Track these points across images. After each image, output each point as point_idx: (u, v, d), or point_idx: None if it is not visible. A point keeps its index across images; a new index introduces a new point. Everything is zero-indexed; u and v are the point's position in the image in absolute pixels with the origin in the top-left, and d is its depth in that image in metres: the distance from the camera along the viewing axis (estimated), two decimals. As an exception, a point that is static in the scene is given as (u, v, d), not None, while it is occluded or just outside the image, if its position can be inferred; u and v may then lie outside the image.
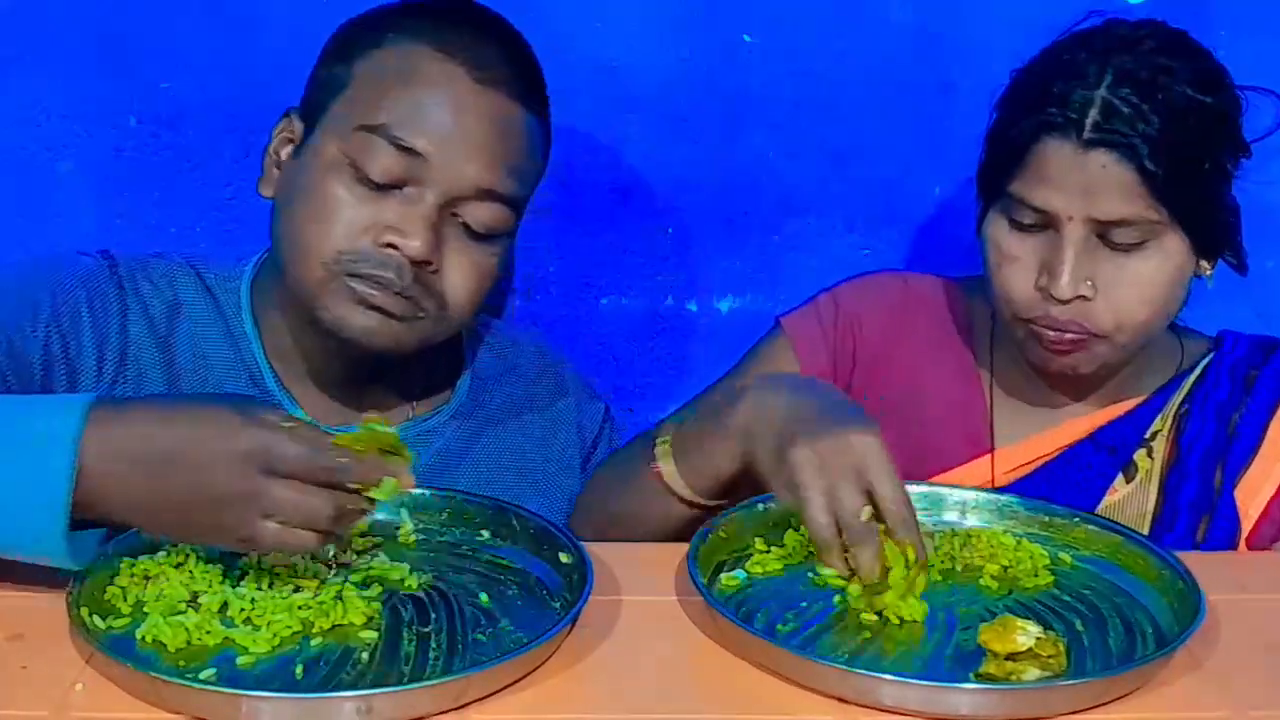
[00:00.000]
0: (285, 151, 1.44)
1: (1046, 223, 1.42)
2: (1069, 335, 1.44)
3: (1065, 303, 1.42)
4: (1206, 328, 1.61)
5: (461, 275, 1.39)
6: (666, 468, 1.38)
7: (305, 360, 1.48)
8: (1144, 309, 1.44)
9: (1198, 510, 1.50)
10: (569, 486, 1.60)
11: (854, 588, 1.21)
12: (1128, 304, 1.43)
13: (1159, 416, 1.54)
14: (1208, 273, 1.48)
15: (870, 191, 1.95)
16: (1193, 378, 1.56)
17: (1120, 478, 1.53)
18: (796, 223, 1.95)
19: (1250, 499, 1.50)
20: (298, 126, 1.44)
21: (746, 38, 1.88)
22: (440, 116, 1.36)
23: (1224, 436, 1.52)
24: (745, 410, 1.32)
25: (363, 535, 1.29)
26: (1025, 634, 1.12)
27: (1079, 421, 1.56)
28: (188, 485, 1.09)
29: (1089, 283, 1.42)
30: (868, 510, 1.21)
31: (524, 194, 1.43)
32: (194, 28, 1.82)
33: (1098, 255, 1.42)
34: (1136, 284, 1.42)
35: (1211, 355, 1.57)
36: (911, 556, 1.20)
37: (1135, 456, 1.53)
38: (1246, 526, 1.50)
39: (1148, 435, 1.54)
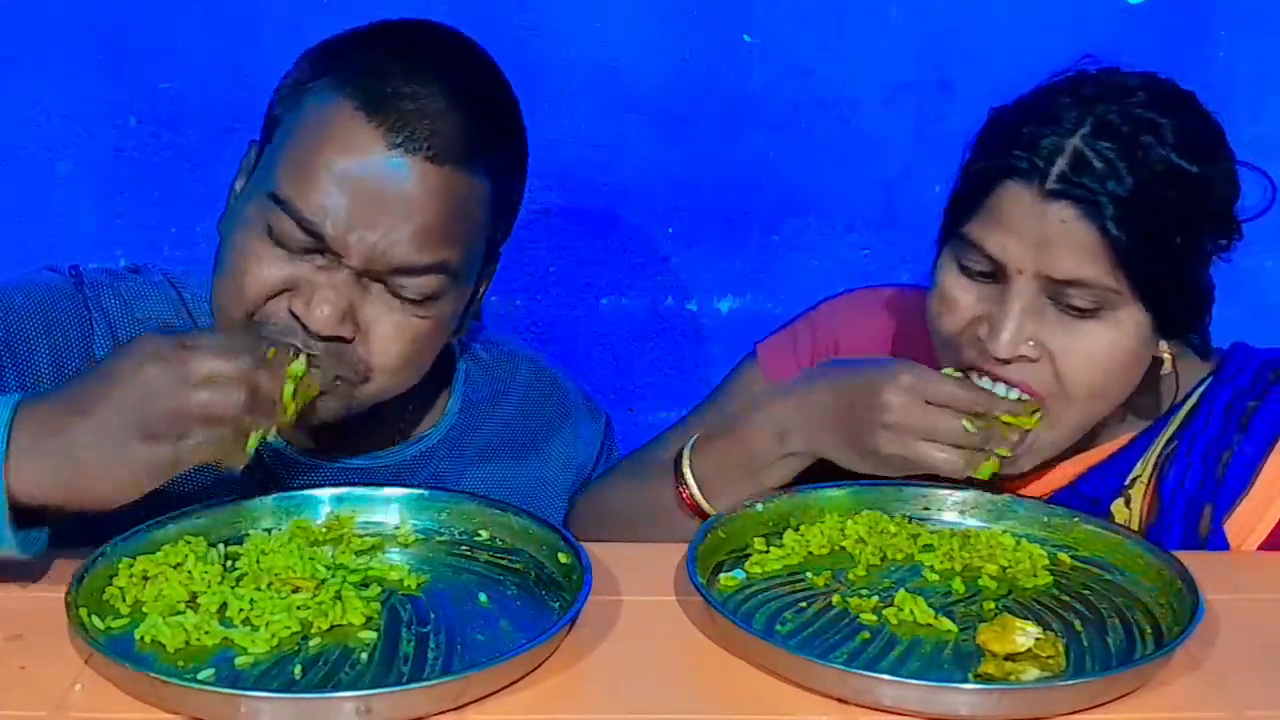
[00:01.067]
0: (239, 185, 1.37)
1: (996, 273, 1.32)
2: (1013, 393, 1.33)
3: (1005, 362, 1.31)
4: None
5: (386, 343, 1.29)
6: (711, 508, 1.38)
7: None
8: (1093, 382, 1.32)
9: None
10: (562, 510, 1.56)
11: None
12: (1073, 373, 1.31)
13: (1140, 460, 1.43)
14: (1167, 356, 1.37)
15: (870, 191, 1.95)
16: (1182, 413, 1.43)
17: None
18: (796, 223, 1.96)
19: (1242, 538, 1.39)
20: (252, 161, 1.35)
21: (746, 38, 1.88)
22: (349, 192, 1.24)
23: (1213, 479, 1.39)
24: (798, 440, 1.36)
25: (361, 536, 1.29)
26: (1024, 634, 1.13)
27: (1060, 469, 1.44)
28: (118, 421, 1.09)
29: (1031, 343, 1.31)
30: (968, 422, 1.29)
31: (462, 256, 1.30)
32: (194, 28, 1.82)
33: (1045, 315, 1.31)
34: (1086, 353, 1.31)
35: (1209, 383, 1.43)
36: (1015, 420, 1.30)
37: (1112, 507, 1.43)
38: None
39: (1127, 483, 1.43)
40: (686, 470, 1.41)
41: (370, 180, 1.24)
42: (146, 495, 1.14)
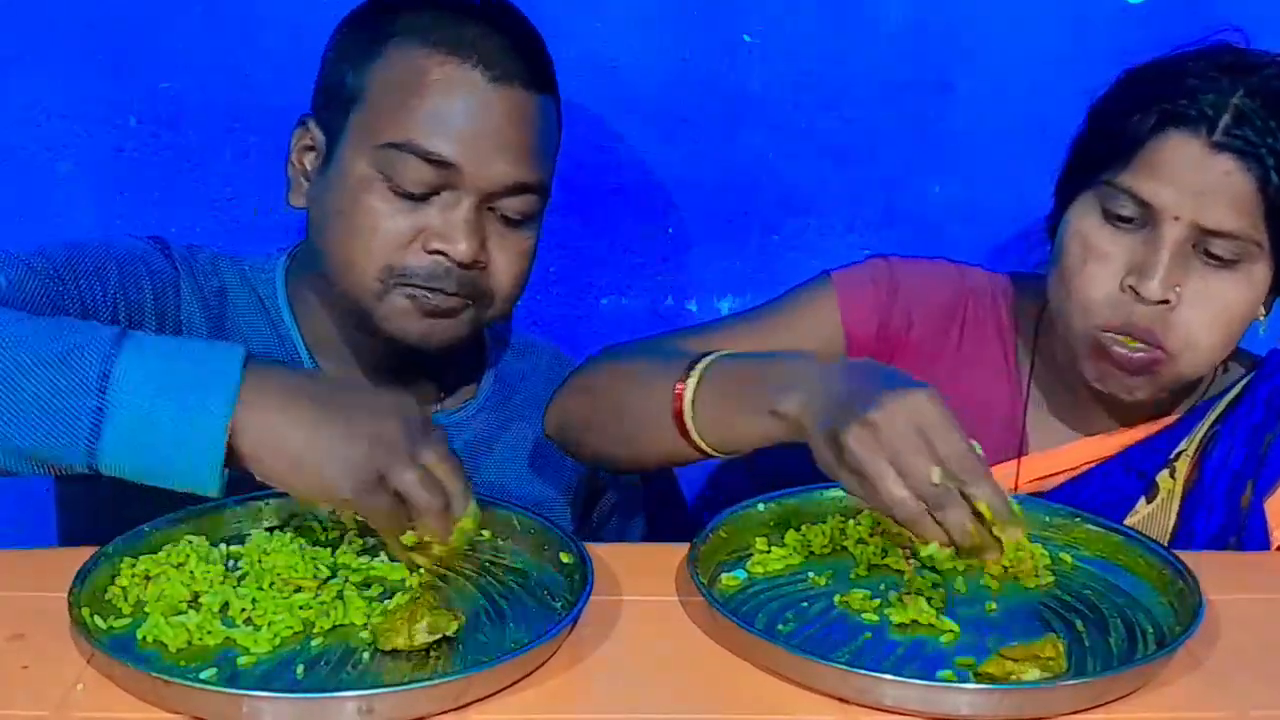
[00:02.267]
0: (308, 160, 1.46)
1: (1145, 220, 1.38)
2: (1138, 356, 1.40)
3: (1149, 305, 1.38)
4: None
5: (506, 265, 1.43)
6: (690, 421, 1.30)
7: (345, 352, 1.51)
8: (1215, 332, 1.40)
9: (1223, 536, 1.46)
10: (583, 477, 1.65)
11: (942, 554, 1.13)
12: (1203, 323, 1.39)
13: (1186, 438, 1.51)
14: (1263, 316, 1.44)
15: (870, 191, 1.95)
16: (1227, 399, 1.51)
17: (1141, 499, 1.50)
18: (796, 223, 1.95)
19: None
20: (317, 135, 1.45)
21: (746, 38, 1.88)
22: (463, 122, 1.37)
23: (1255, 458, 1.47)
24: (793, 401, 1.22)
25: (362, 535, 1.29)
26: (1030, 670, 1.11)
27: (1110, 438, 1.52)
28: (349, 414, 1.15)
29: (1176, 289, 1.38)
30: (937, 471, 1.11)
31: (549, 176, 1.46)
32: (194, 28, 1.82)
33: (1190, 265, 1.38)
34: (1218, 303, 1.39)
35: (1250, 378, 1.53)
36: (987, 513, 1.11)
37: (1158, 477, 1.50)
38: (1278, 538, 1.46)
39: (1172, 456, 1.50)
40: (693, 379, 1.32)
41: (479, 111, 1.37)
42: (147, 495, 1.15)
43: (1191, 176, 1.35)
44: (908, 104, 1.91)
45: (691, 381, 1.30)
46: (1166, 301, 1.38)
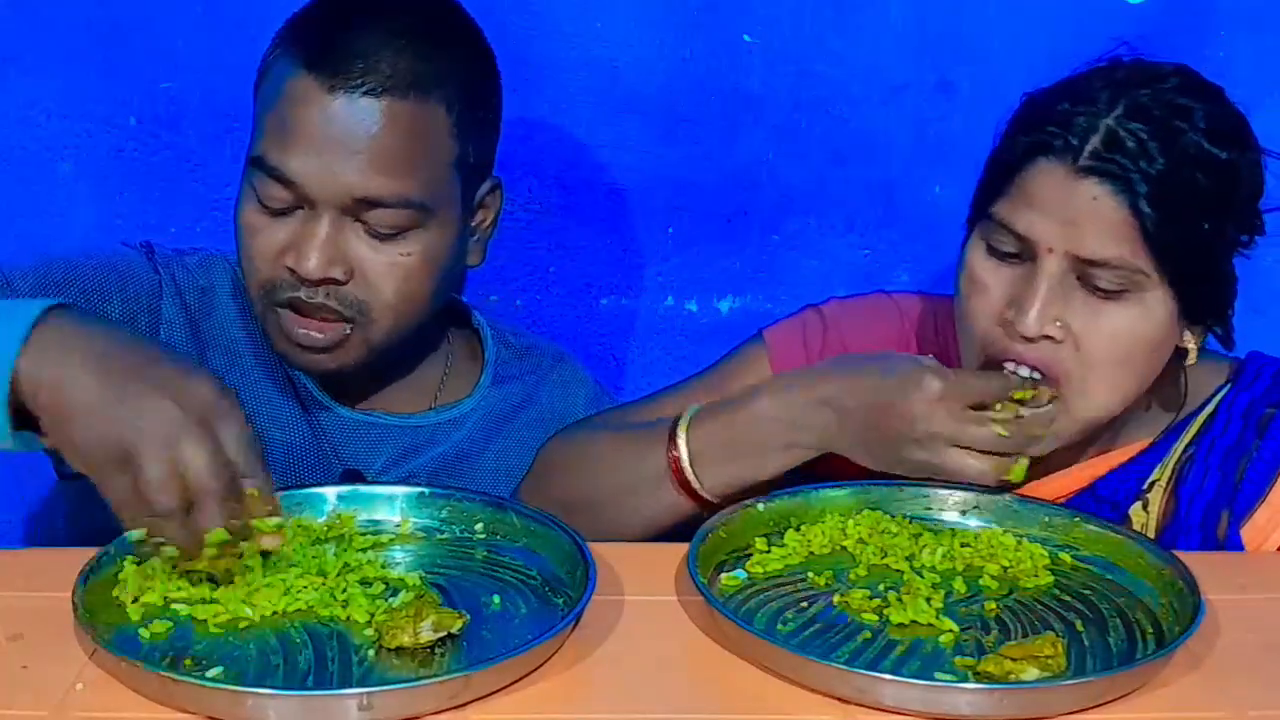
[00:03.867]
0: None
1: (1025, 253, 1.33)
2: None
3: (1030, 341, 1.32)
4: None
5: (380, 279, 1.40)
6: (695, 479, 1.38)
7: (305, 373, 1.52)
8: (1114, 366, 1.33)
9: None
10: None
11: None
12: (1098, 355, 1.32)
13: (1159, 465, 1.43)
14: (1191, 345, 1.37)
15: (870, 191, 1.95)
16: (1201, 418, 1.44)
17: None
18: (796, 223, 1.96)
19: (1259, 541, 1.39)
20: None
21: (746, 38, 1.88)
22: (301, 137, 1.37)
23: (1230, 484, 1.40)
24: (812, 434, 1.35)
25: (363, 534, 1.30)
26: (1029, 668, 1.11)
27: (1079, 470, 1.45)
28: (138, 372, 1.10)
29: (1058, 323, 1.31)
30: (998, 428, 1.29)
31: (426, 186, 1.40)
32: (194, 28, 1.82)
33: (1072, 297, 1.32)
34: (1111, 335, 1.32)
35: (1226, 391, 1.44)
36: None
37: (1130, 510, 1.43)
38: None
39: (1145, 487, 1.43)
40: (681, 438, 1.38)
41: (319, 123, 1.36)
42: None
43: (1060, 205, 1.29)
44: (908, 104, 1.91)
45: (680, 441, 1.37)
46: (1050, 337, 1.32)
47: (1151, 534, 1.42)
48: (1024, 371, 1.32)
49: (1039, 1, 1.88)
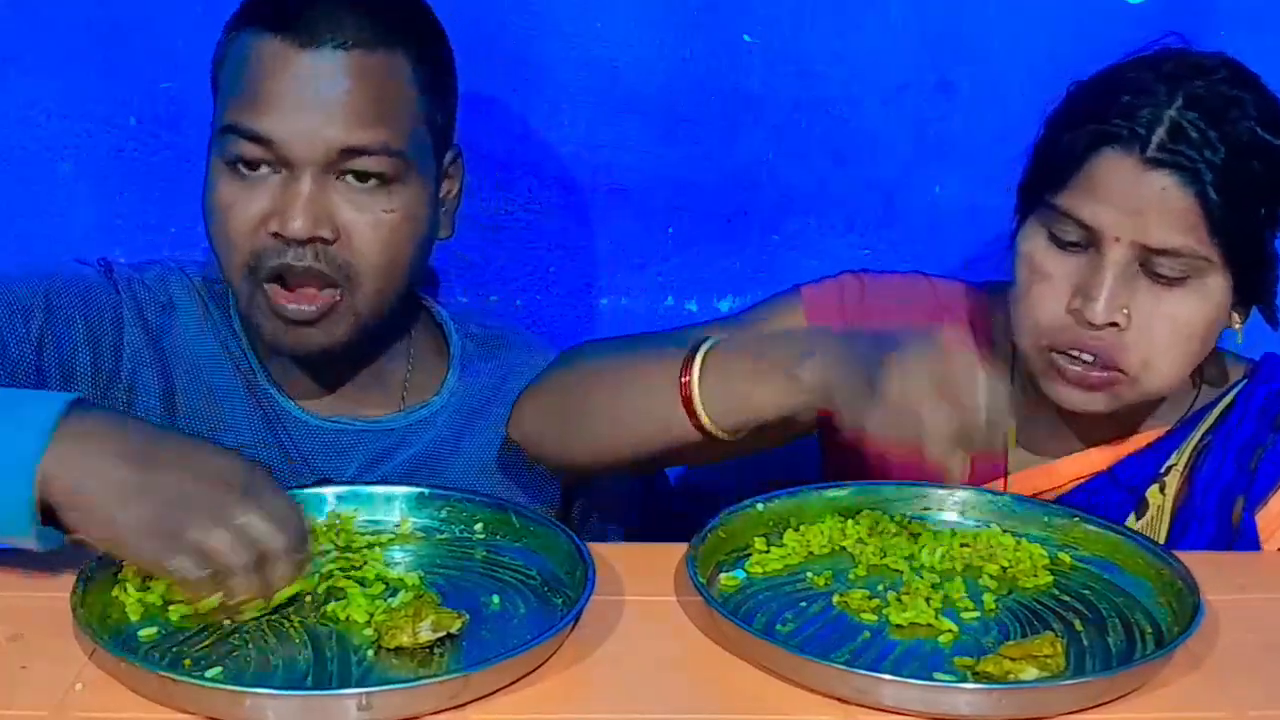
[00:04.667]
0: None
1: (1089, 241, 1.36)
2: (1094, 374, 1.37)
3: (1097, 329, 1.35)
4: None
5: (362, 236, 1.39)
6: (700, 404, 1.30)
7: (292, 355, 1.49)
8: (1174, 350, 1.37)
9: (1215, 550, 1.43)
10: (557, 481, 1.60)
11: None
12: (1159, 342, 1.36)
13: (1176, 451, 1.48)
14: (1238, 325, 1.41)
15: (870, 191, 1.95)
16: (1218, 410, 1.48)
17: (1131, 515, 1.47)
18: (796, 223, 1.95)
19: (1273, 528, 1.43)
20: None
21: (746, 38, 1.88)
22: (277, 94, 1.36)
23: (1246, 472, 1.44)
24: (817, 366, 1.25)
25: (362, 534, 1.30)
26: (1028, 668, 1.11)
27: (1099, 453, 1.49)
28: (168, 459, 1.12)
29: (1124, 311, 1.35)
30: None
31: (403, 137, 1.40)
32: (194, 28, 1.82)
33: (1136, 285, 1.35)
34: (1172, 322, 1.35)
35: (1243, 385, 1.49)
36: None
37: (1147, 493, 1.47)
38: (1270, 550, 1.44)
39: (1162, 470, 1.47)
40: (699, 358, 1.32)
41: (291, 79, 1.36)
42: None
43: (1128, 196, 1.32)
44: (908, 104, 1.91)
45: (696, 365, 1.31)
46: (1115, 324, 1.35)
47: (1167, 517, 1.45)
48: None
49: (1039, 1, 1.88)
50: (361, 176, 1.38)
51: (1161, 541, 1.45)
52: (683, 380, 1.31)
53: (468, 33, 1.55)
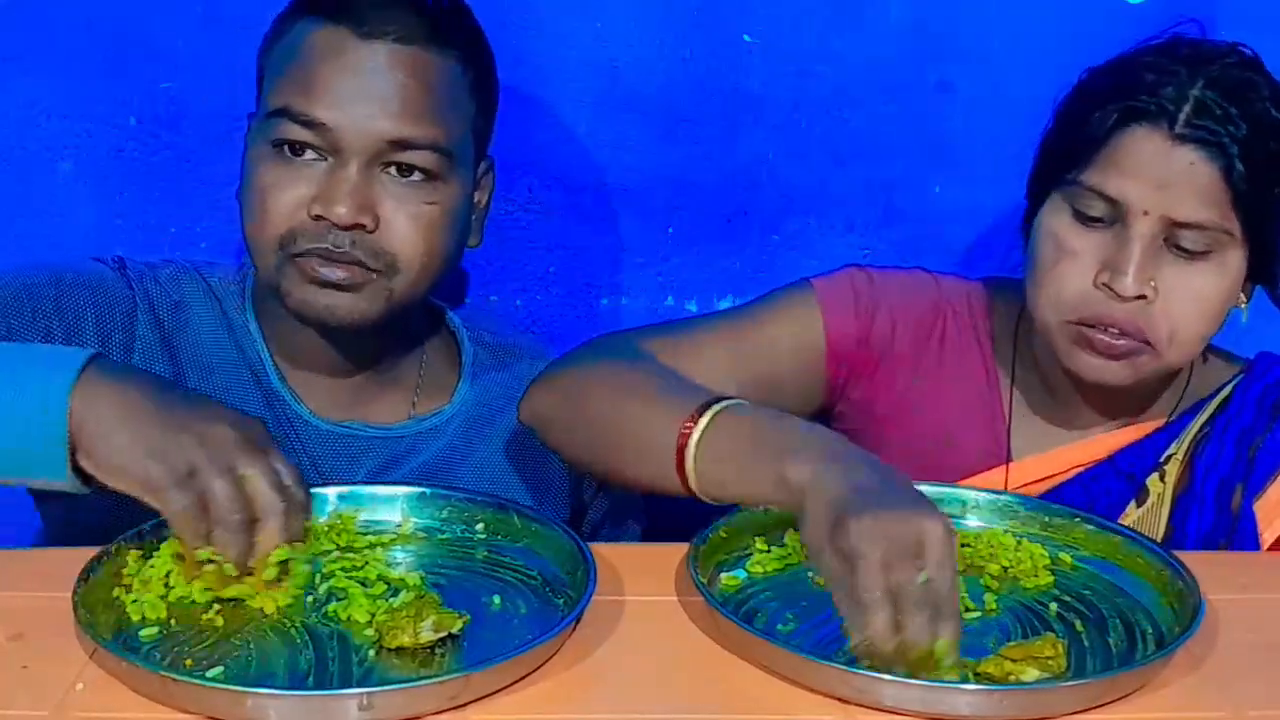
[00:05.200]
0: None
1: (1114, 216, 1.39)
2: (1121, 343, 1.40)
3: (1126, 302, 1.38)
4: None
5: (405, 226, 1.40)
6: (691, 462, 1.23)
7: (306, 356, 1.50)
8: (1197, 322, 1.41)
9: (1213, 538, 1.47)
10: (565, 489, 1.61)
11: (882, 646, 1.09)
12: (1183, 314, 1.40)
13: (1176, 440, 1.51)
14: (1243, 304, 1.45)
15: (870, 191, 1.95)
16: (1216, 401, 1.52)
17: (1131, 503, 1.50)
18: (796, 223, 1.95)
19: (1271, 516, 1.46)
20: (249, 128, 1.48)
21: (746, 38, 1.88)
22: (334, 82, 1.38)
23: (1244, 461, 1.48)
24: (805, 471, 1.16)
25: (363, 534, 1.30)
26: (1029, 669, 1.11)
27: (1099, 441, 1.52)
28: (186, 406, 1.19)
29: (1152, 284, 1.38)
30: (924, 575, 1.08)
31: (450, 137, 1.42)
32: (194, 28, 1.82)
33: (1162, 258, 1.39)
34: (1194, 294, 1.39)
35: (1239, 379, 1.53)
36: (940, 652, 1.08)
37: (1148, 481, 1.50)
38: (1268, 539, 1.46)
39: (1162, 459, 1.50)
40: (706, 416, 1.24)
41: (349, 68, 1.38)
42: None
43: (1157, 170, 1.36)
44: (908, 104, 1.91)
45: (702, 423, 1.24)
46: (1143, 297, 1.38)
47: (1167, 504, 1.48)
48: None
49: (1039, 1, 1.88)
50: (405, 170, 1.40)
51: (1162, 528, 1.49)
52: (682, 433, 1.24)
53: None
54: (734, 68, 1.88)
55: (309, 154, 1.39)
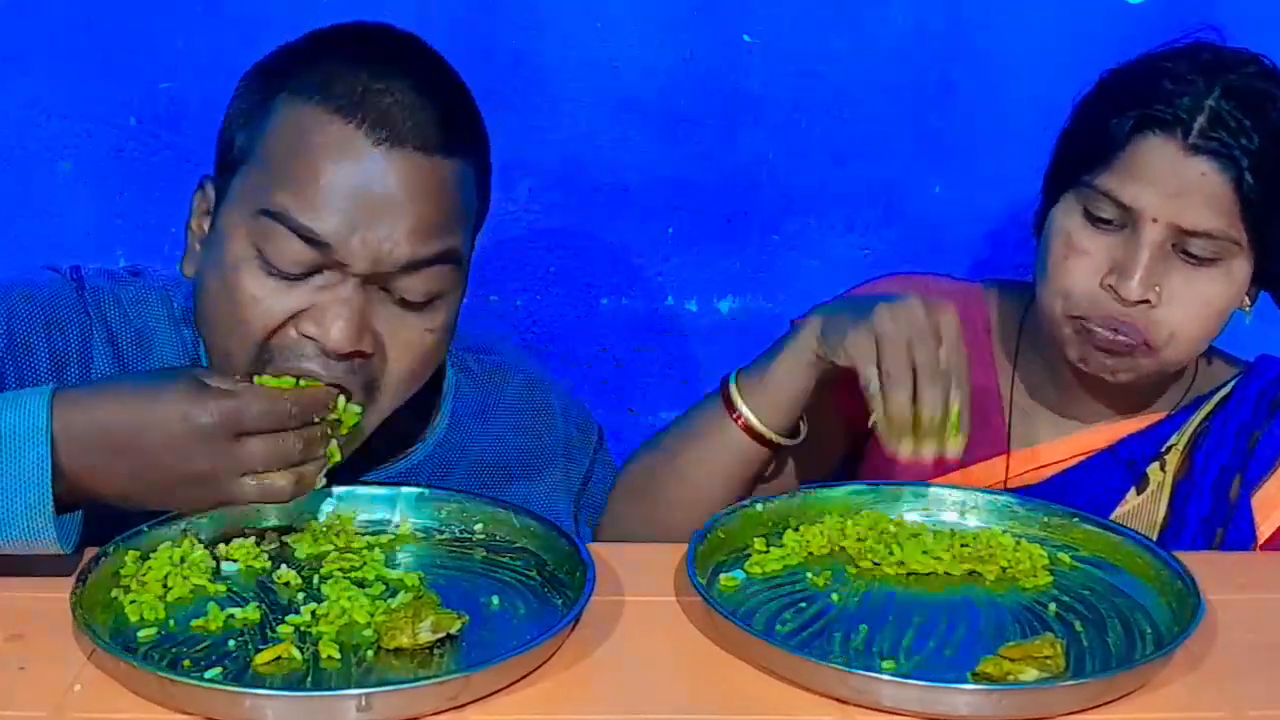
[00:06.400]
0: (204, 225, 1.31)
1: (1125, 221, 1.41)
2: (1120, 340, 1.43)
3: (1130, 305, 1.41)
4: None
5: (400, 354, 1.26)
6: (744, 408, 1.41)
7: None
8: (1198, 327, 1.43)
9: (1211, 525, 1.50)
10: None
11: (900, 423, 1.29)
12: (1185, 319, 1.42)
13: (1177, 433, 1.54)
14: (1248, 307, 1.48)
15: (870, 191, 1.95)
16: (1217, 398, 1.55)
17: (1132, 490, 1.53)
18: (796, 223, 1.96)
19: (1268, 510, 1.49)
20: (211, 198, 1.31)
21: (746, 38, 1.88)
22: (343, 194, 1.21)
23: (1243, 452, 1.51)
24: (810, 324, 1.37)
25: (362, 534, 1.29)
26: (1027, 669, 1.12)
27: (1098, 432, 1.55)
28: (164, 466, 1.14)
29: (1156, 289, 1.41)
30: (943, 355, 1.28)
31: (461, 243, 1.28)
32: (194, 28, 1.82)
33: (1169, 264, 1.41)
34: (1197, 300, 1.42)
35: (1240, 377, 1.56)
36: (955, 415, 1.29)
37: (1148, 469, 1.53)
38: (1265, 533, 1.49)
39: (1163, 449, 1.53)
40: (732, 386, 1.42)
41: (364, 180, 1.21)
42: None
43: (1169, 179, 1.38)
44: (908, 104, 1.92)
45: (733, 391, 1.41)
46: (1147, 301, 1.41)
47: (1166, 492, 1.52)
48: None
49: (1039, 1, 1.89)
50: (407, 292, 1.25)
51: (1161, 514, 1.52)
52: (730, 412, 1.41)
53: (468, 32, 1.55)
54: (734, 68, 1.89)
55: (298, 269, 1.22)
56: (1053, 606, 1.24)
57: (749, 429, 1.41)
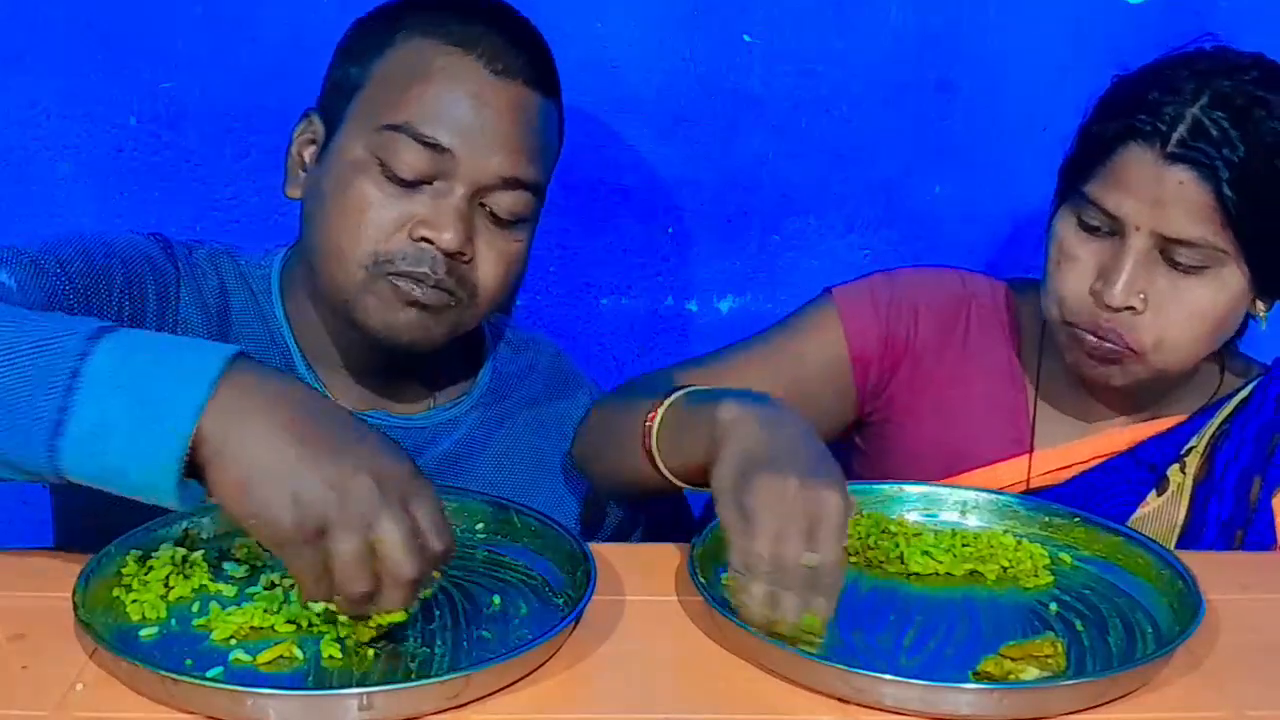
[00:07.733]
0: (309, 153, 1.45)
1: (1113, 229, 1.43)
2: (1108, 345, 1.44)
3: (1114, 311, 1.42)
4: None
5: (492, 264, 1.41)
6: (652, 440, 1.33)
7: (333, 349, 1.49)
8: (1187, 334, 1.44)
9: (1231, 527, 1.50)
10: (577, 492, 1.61)
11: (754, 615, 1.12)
12: (1172, 326, 1.43)
13: (1196, 435, 1.54)
14: (1262, 313, 1.48)
15: (870, 191, 1.95)
16: (1236, 400, 1.55)
17: (1152, 491, 1.53)
18: (796, 223, 1.96)
19: None
20: (319, 127, 1.45)
21: (746, 38, 1.88)
22: (462, 111, 1.37)
23: (1263, 454, 1.52)
24: (733, 411, 1.21)
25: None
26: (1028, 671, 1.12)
27: (1119, 434, 1.56)
28: (333, 440, 1.05)
29: (1141, 296, 1.42)
30: (813, 557, 1.11)
31: (545, 177, 1.45)
32: (194, 28, 1.82)
33: (1155, 271, 1.42)
34: (1186, 307, 1.42)
35: (1260, 380, 1.56)
36: (819, 623, 1.12)
37: (1168, 471, 1.53)
38: None
39: (1183, 451, 1.54)
40: (665, 403, 1.33)
41: (478, 102, 1.38)
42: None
43: (1148, 188, 1.39)
44: (908, 104, 1.92)
45: (661, 409, 1.33)
46: (1132, 308, 1.42)
47: (1187, 494, 1.52)
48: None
49: (1039, 2, 1.89)
50: (499, 213, 1.40)
51: (1182, 516, 1.53)
52: (645, 423, 1.34)
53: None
54: (734, 68, 1.89)
55: (414, 175, 1.37)
56: (1054, 606, 1.25)
57: (653, 464, 1.34)
